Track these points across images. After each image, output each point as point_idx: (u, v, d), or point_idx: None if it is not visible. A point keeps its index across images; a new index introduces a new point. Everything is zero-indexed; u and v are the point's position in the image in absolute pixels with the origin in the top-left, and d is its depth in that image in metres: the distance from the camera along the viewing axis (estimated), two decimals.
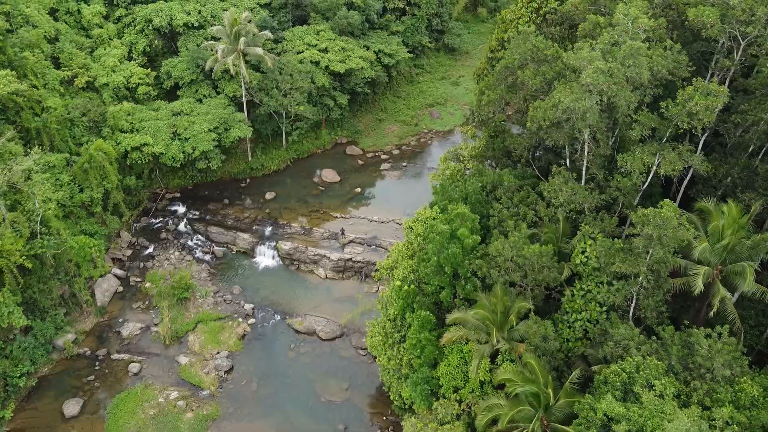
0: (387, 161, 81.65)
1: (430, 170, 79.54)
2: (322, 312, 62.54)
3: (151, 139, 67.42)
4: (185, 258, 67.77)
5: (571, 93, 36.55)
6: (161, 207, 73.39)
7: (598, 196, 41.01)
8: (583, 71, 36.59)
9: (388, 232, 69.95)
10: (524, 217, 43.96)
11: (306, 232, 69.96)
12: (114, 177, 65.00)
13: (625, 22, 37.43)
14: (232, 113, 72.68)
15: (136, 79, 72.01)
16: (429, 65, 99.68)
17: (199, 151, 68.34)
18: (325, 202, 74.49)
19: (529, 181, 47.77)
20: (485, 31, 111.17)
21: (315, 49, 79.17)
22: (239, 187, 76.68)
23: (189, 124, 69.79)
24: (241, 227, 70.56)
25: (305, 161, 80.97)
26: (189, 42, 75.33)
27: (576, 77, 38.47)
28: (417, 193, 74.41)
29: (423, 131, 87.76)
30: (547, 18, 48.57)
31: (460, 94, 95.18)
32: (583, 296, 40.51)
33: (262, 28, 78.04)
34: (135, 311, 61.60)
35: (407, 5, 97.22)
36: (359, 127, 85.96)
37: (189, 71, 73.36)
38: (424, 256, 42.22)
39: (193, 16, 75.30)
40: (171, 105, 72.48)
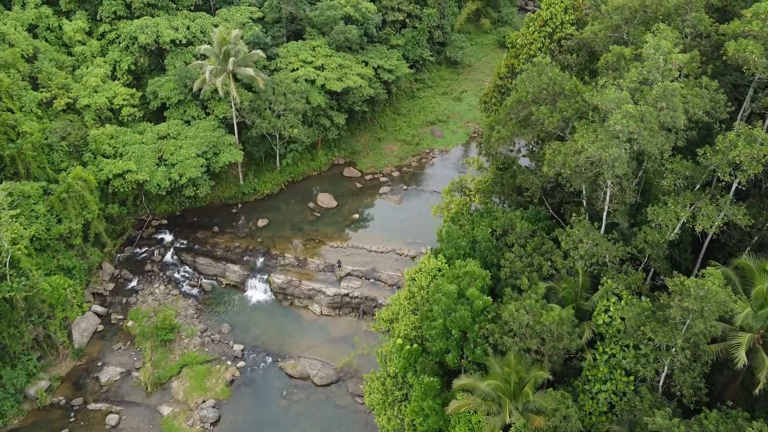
0: (386, 184, 77.01)
1: (433, 194, 75.06)
2: (317, 353, 57.88)
3: (134, 166, 62.72)
4: (171, 292, 63.05)
5: (597, 139, 31.90)
6: (147, 235, 68.65)
7: (622, 248, 36.35)
8: (609, 113, 31.94)
9: (387, 263, 65.30)
10: (539, 269, 39.31)
11: (300, 263, 65.28)
12: (95, 206, 60.34)
13: (655, 57, 32.76)
14: (222, 136, 67.97)
15: (120, 100, 67.25)
16: (430, 79, 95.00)
17: (186, 178, 63.64)
18: (321, 229, 69.83)
19: (543, 224, 43.12)
20: (488, 42, 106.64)
21: (310, 66, 74.46)
22: (230, 212, 71.95)
23: (176, 149, 65.08)
24: (232, 258, 65.85)
25: (300, 184, 76.27)
26: (177, 59, 70.59)
27: (599, 118, 33.86)
28: (418, 221, 69.84)
29: (424, 151, 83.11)
30: (562, 44, 43.94)
31: (462, 110, 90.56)
32: (607, 361, 35.90)
33: (254, 44, 73.31)
34: (116, 353, 56.88)
35: (407, 17, 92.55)
36: (357, 146, 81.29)
37: (176, 91, 68.61)
38: (428, 314, 37.55)
39: (180, 33, 70.55)
40: (157, 127, 67.73)
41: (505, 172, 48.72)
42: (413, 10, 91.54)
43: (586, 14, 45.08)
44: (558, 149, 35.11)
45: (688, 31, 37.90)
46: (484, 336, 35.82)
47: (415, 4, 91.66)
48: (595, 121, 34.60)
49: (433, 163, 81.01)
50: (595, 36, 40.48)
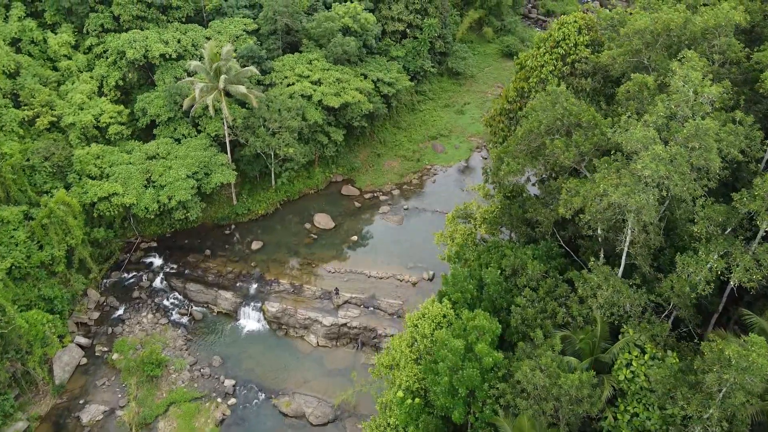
0: (386, 203, 73.50)
1: (434, 214, 71.65)
2: (313, 389, 54.42)
3: (121, 188, 59.20)
4: (159, 321, 59.54)
5: (621, 182, 28.43)
6: (135, 259, 65.12)
7: (645, 296, 32.90)
8: (635, 154, 28.48)
9: (387, 290, 61.83)
10: (553, 316, 35.85)
11: (296, 290, 61.79)
12: (79, 232, 56.88)
13: (685, 91, 29.31)
14: (214, 155, 64.44)
15: (107, 117, 63.71)
16: (431, 91, 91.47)
17: (175, 201, 60.11)
18: (318, 252, 66.31)
19: (555, 262, 39.67)
20: (491, 52, 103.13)
21: (307, 81, 70.92)
22: (223, 234, 68.43)
23: (165, 170, 61.55)
24: (224, 284, 62.34)
25: (296, 203, 72.75)
26: (167, 74, 67.04)
27: (622, 157, 30.41)
28: (419, 243, 66.42)
29: (425, 167, 79.59)
30: (576, 67, 40.47)
31: (465, 123, 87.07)
32: (629, 422, 32.46)
33: (248, 58, 69.77)
34: (99, 389, 53.37)
35: (408, 28, 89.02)
36: (356, 163, 77.76)
37: (166, 108, 65.06)
38: (432, 366, 34.09)
39: (171, 46, 66.98)
40: (146, 146, 64.19)
41: (512, 201, 45.25)
42: (414, 20, 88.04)
43: (601, 34, 41.64)
44: (575, 189, 31.66)
45: (717, 58, 34.49)
46: (494, 396, 32.36)
47: (415, 14, 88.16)
48: (618, 160, 31.11)
49: (435, 180, 77.51)
50: (613, 61, 37.04)
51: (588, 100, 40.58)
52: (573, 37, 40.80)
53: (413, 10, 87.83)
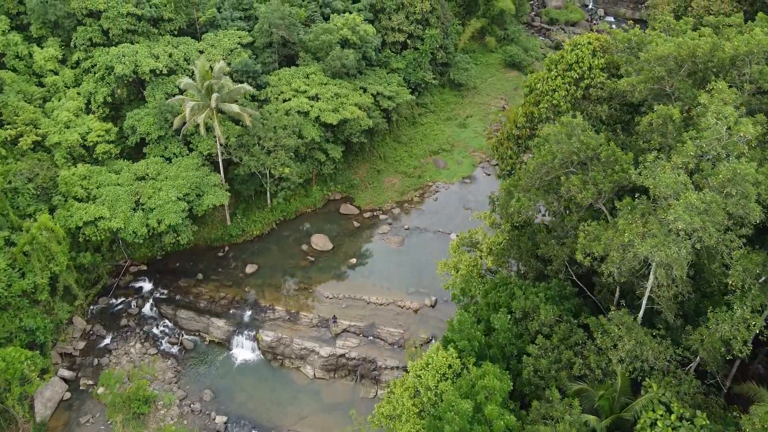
0: (386, 222, 70.45)
1: (436, 234, 68.68)
2: (310, 425, 51.46)
3: (108, 212, 56.16)
4: (148, 352, 56.50)
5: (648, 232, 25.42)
6: (124, 284, 62.07)
7: (672, 350, 29.86)
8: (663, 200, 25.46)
9: (387, 317, 58.79)
10: (569, 366, 32.82)
11: (292, 317, 58.74)
12: (63, 258, 53.74)
13: (718, 128, 26.31)
14: (207, 175, 61.38)
15: (95, 136, 60.66)
16: (433, 103, 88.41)
17: (165, 225, 57.05)
18: (315, 276, 63.26)
19: (569, 303, 36.65)
20: (494, 62, 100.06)
21: (304, 96, 67.89)
22: (216, 256, 65.37)
23: (154, 191, 58.51)
24: (216, 311, 59.29)
25: (293, 223, 69.70)
26: (157, 91, 63.97)
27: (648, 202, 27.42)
28: (420, 266, 63.42)
29: (427, 184, 76.53)
30: (591, 92, 37.46)
31: (468, 137, 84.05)
32: None
33: (242, 73, 66.75)
34: (83, 428, 50.38)
35: (408, 38, 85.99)
36: (355, 180, 74.71)
37: (156, 126, 62.01)
38: (437, 424, 31.04)
39: (162, 61, 63.93)
40: (135, 166, 61.15)
41: (521, 231, 42.23)
42: (415, 30, 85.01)
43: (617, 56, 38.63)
44: (595, 234, 28.65)
45: (748, 87, 31.50)
46: None
47: (416, 25, 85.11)
48: (642, 203, 28.10)
49: (437, 197, 74.45)
50: (632, 88, 34.07)
51: (603, 127, 37.58)
52: (587, 60, 37.82)
53: (414, 20, 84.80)
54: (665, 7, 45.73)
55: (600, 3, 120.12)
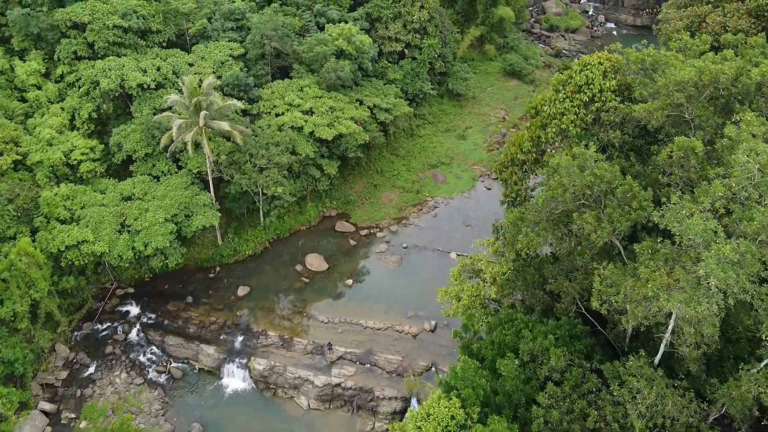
0: (383, 240, 67.78)
1: (435, 253, 66.01)
2: None
3: (91, 235, 53.42)
4: (134, 381, 53.76)
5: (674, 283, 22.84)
6: (110, 308, 59.32)
7: (696, 405, 27.26)
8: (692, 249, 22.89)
9: (385, 343, 56.14)
10: (582, 417, 30.21)
11: (285, 343, 56.06)
12: (44, 284, 51.01)
13: (749, 167, 23.75)
14: (196, 195, 58.66)
15: (79, 154, 57.90)
16: (431, 114, 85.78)
17: (152, 248, 54.32)
18: (310, 299, 60.58)
19: (581, 344, 34.03)
20: (493, 70, 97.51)
21: (298, 110, 65.22)
22: (207, 277, 62.65)
23: (141, 213, 55.79)
24: (206, 337, 56.60)
25: (287, 241, 66.98)
26: (145, 106, 61.27)
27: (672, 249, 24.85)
28: (419, 288, 60.85)
29: (425, 199, 73.87)
30: (602, 116, 34.84)
31: (467, 150, 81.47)
32: None
33: (234, 87, 64.04)
34: None
35: (406, 47, 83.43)
36: (351, 196, 72.05)
37: (143, 143, 59.31)
38: None
39: (150, 75, 61.21)
40: (121, 185, 58.43)
41: (527, 262, 39.63)
42: (412, 39, 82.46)
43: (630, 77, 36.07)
44: (613, 280, 26.04)
45: None
46: None
47: (414, 34, 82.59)
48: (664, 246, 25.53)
49: (436, 214, 71.79)
50: (649, 115, 31.52)
51: (616, 153, 35.02)
52: (598, 82, 35.23)
53: (411, 29, 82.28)
54: (678, 23, 43.23)
55: (601, 9, 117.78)
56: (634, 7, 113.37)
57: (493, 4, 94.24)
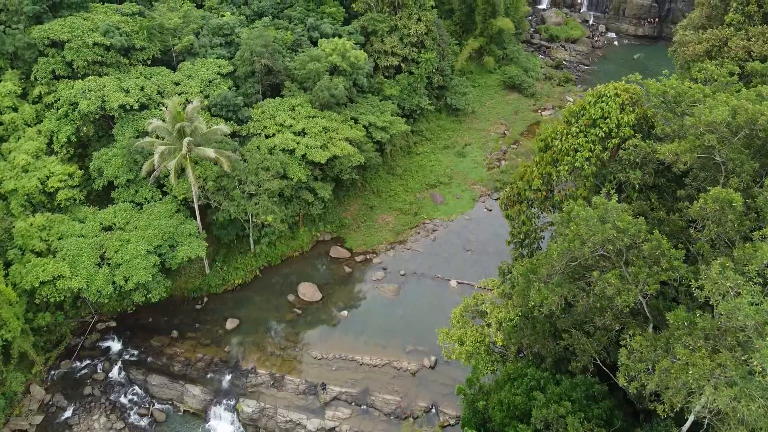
0: (380, 266, 64.33)
1: (435, 281, 62.63)
2: None
3: (68, 269, 49.82)
4: (114, 426, 50.11)
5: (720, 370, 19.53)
6: (90, 343, 55.69)
7: None
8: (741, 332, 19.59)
9: (383, 381, 52.71)
10: None
11: (276, 382, 52.55)
12: (16, 323, 47.39)
13: None
14: (182, 223, 55.15)
15: (56, 181, 54.35)
16: (429, 130, 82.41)
17: (133, 283, 50.76)
18: (302, 331, 57.14)
19: (599, 408, 30.63)
20: (493, 83, 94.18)
21: (289, 131, 61.78)
22: (193, 309, 59.08)
23: (122, 244, 52.23)
24: (192, 376, 53.08)
25: (279, 269, 63.46)
26: (127, 128, 57.76)
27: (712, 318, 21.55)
28: (418, 319, 57.51)
29: (424, 221, 70.43)
30: (621, 155, 31.46)
31: (466, 168, 78.13)
32: None
33: (222, 107, 60.60)
34: None
35: (402, 61, 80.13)
36: (346, 219, 68.59)
37: (125, 168, 55.82)
38: None
39: (132, 95, 57.71)
40: (101, 214, 54.87)
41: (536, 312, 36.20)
42: (409, 53, 79.17)
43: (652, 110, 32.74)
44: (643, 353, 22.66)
45: None
46: None
47: (411, 47, 79.28)
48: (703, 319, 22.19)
49: (435, 237, 68.38)
50: (676, 158, 28.24)
51: (636, 195, 31.74)
52: (615, 115, 31.96)
53: (408, 43, 78.98)
54: (697, 47, 40.09)
55: (601, 19, 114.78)
56: (636, 16, 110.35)
57: (492, 14, 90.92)
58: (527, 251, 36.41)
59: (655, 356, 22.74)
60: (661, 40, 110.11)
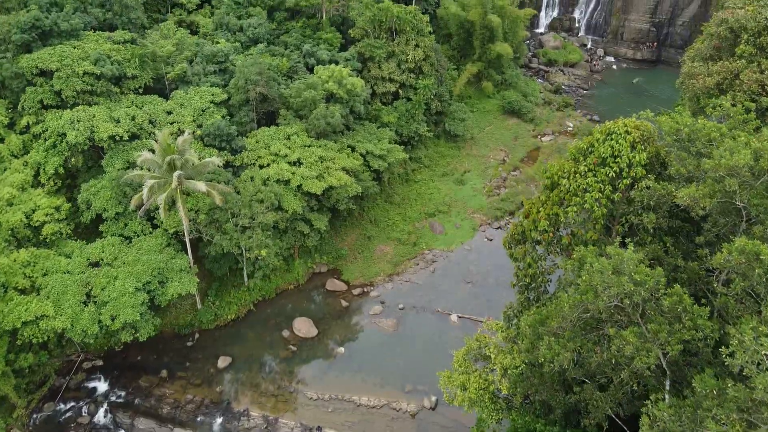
0: (378, 300, 62.18)
1: (435, 315, 60.43)
2: None
3: (52, 308, 47.55)
4: None
5: None
6: (75, 384, 53.15)
7: None
8: None
9: (381, 425, 50.26)
10: None
11: (269, 425, 50.06)
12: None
13: None
14: (172, 258, 53.05)
15: (42, 215, 52.31)
16: (427, 157, 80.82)
17: (120, 322, 48.49)
18: (297, 370, 54.77)
19: None
20: (492, 108, 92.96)
21: (284, 161, 60.00)
22: (184, 346, 56.73)
23: (109, 281, 50.03)
24: (181, 418, 50.55)
25: (273, 303, 61.22)
26: (117, 159, 55.92)
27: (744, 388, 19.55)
28: (418, 356, 55.29)
29: (423, 252, 68.41)
30: (633, 196, 29.56)
31: (466, 196, 76.35)
32: None
33: (215, 137, 58.88)
34: None
35: (400, 87, 78.77)
36: (343, 249, 66.55)
37: (114, 201, 53.87)
38: None
39: (123, 125, 55.97)
40: (89, 248, 52.75)
41: None
42: (407, 79, 77.83)
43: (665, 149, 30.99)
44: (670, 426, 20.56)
45: None
46: None
47: (409, 73, 77.99)
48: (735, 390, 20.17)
49: (434, 269, 66.29)
50: (694, 202, 26.46)
51: (650, 239, 29.88)
52: (626, 154, 30.24)
53: (406, 69, 77.70)
54: (707, 79, 38.55)
55: (599, 43, 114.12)
56: (634, 40, 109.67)
57: (491, 39, 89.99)
58: (534, 294, 34.42)
59: (681, 426, 20.67)
60: (659, 64, 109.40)
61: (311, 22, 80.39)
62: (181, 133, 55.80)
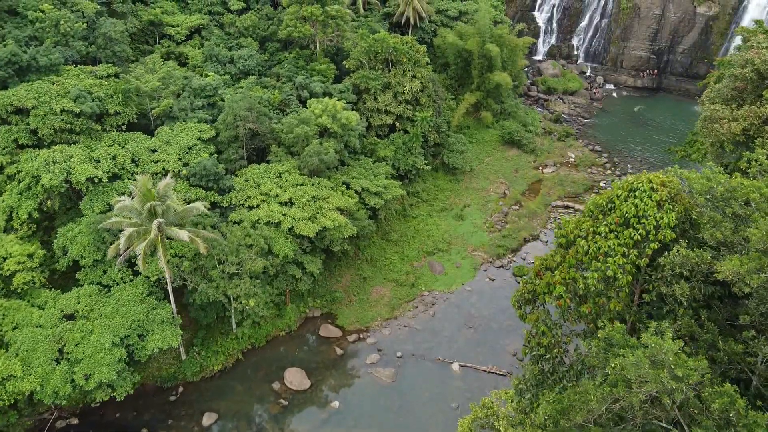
0: (374, 347, 58.16)
1: (435, 364, 56.44)
2: None
3: (20, 368, 43.42)
4: None
5: None
6: None
7: None
8: None
9: None
10: None
11: None
12: None
13: None
14: (153, 308, 49.06)
15: (13, 263, 48.36)
16: (425, 191, 77.39)
17: (94, 381, 44.34)
18: (288, 426, 50.57)
19: None
20: (491, 139, 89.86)
21: (275, 202, 56.37)
22: (167, 401, 52.43)
23: (83, 336, 45.99)
24: None
25: (263, 351, 57.14)
26: (97, 201, 52.21)
27: None
28: (418, 409, 51.35)
29: (422, 294, 64.56)
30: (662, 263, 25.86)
31: (466, 232, 72.75)
32: None
33: (201, 177, 55.30)
34: None
35: (397, 119, 75.62)
36: (337, 292, 62.65)
37: (92, 247, 50.00)
38: None
39: (103, 165, 52.37)
40: (63, 299, 48.74)
41: None
42: (404, 111, 74.75)
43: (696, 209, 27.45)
44: None
45: None
46: None
47: (406, 105, 74.91)
48: None
49: (434, 312, 62.39)
50: (738, 277, 22.92)
51: (683, 311, 26.22)
52: (652, 214, 26.74)
53: (403, 100, 74.62)
54: (732, 124, 35.29)
55: (599, 71, 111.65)
56: (634, 68, 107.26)
57: (489, 69, 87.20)
58: (548, 366, 30.66)
59: None
60: (660, 92, 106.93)
61: (305, 53, 77.50)
62: (166, 173, 52.21)
